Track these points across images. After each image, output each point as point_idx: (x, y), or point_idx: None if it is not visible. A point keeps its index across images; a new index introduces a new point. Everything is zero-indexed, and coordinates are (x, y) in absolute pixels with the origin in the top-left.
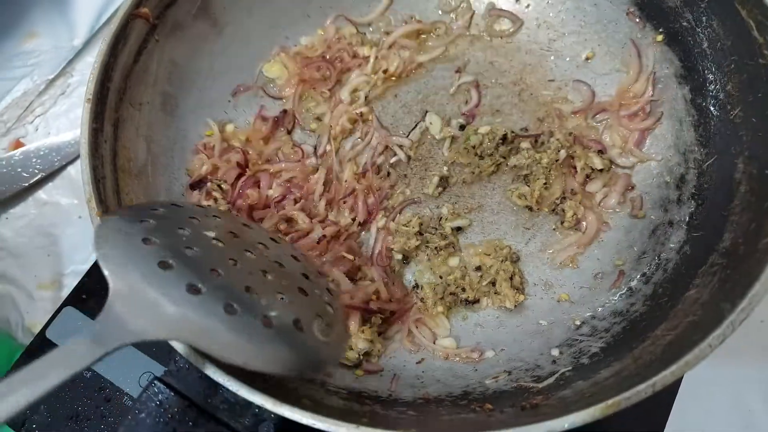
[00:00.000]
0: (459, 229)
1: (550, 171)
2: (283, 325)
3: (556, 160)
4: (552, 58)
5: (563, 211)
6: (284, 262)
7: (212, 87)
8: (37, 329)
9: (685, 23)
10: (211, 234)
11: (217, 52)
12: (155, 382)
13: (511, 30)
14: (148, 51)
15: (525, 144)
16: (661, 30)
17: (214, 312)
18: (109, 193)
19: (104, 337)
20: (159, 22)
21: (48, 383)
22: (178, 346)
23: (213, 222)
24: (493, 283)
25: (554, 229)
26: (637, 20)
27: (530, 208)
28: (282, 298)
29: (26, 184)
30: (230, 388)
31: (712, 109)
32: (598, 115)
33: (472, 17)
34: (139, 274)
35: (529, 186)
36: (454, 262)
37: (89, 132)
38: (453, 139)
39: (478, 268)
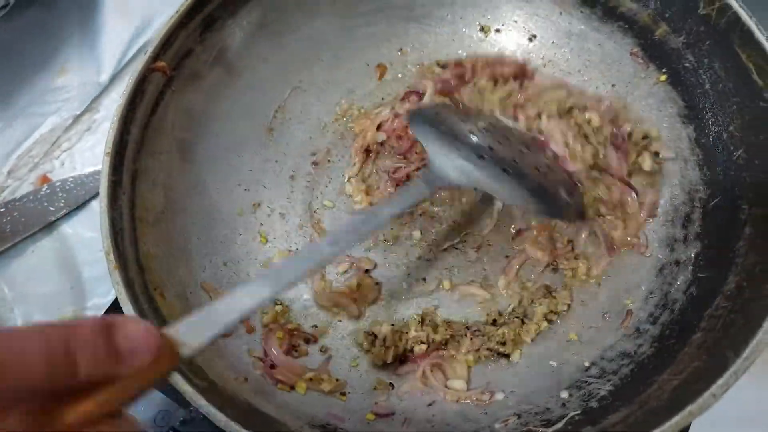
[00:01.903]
0: None
1: None
2: (538, 182)
3: None
4: None
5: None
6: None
7: (227, 131)
8: None
9: (687, 64)
10: (483, 124)
11: (232, 97)
12: None
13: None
14: (165, 102)
15: None
16: (664, 70)
17: (495, 172)
18: (127, 244)
19: (429, 181)
20: (175, 73)
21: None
22: (196, 401)
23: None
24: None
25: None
26: (641, 60)
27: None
28: (537, 169)
29: (53, 218)
30: None
31: (715, 149)
32: None
33: None
34: (447, 146)
35: None
36: None
37: (108, 185)
38: None
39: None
